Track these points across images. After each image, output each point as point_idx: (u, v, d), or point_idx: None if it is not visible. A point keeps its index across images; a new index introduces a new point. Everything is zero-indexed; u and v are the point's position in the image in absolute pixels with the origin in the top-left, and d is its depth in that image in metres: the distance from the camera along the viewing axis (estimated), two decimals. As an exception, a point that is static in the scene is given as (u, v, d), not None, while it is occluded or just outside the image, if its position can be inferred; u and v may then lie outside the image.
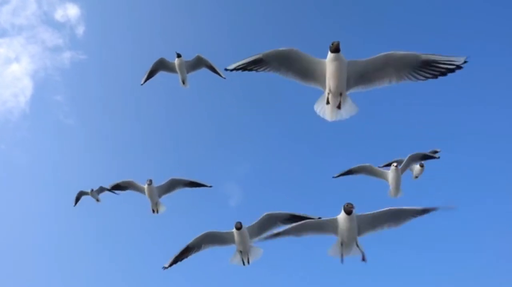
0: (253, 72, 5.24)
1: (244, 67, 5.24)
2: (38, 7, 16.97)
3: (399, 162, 8.94)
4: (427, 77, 4.64)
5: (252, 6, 16.92)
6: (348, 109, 5.28)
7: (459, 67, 4.49)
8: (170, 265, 7.12)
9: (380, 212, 5.62)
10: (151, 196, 9.20)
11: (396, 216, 5.59)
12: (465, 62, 4.47)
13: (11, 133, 17.09)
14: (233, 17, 16.78)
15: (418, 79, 4.69)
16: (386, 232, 5.68)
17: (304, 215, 6.59)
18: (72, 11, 16.93)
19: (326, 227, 5.79)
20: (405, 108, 15.21)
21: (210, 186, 9.08)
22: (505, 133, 14.30)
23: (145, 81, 9.55)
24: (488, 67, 14.72)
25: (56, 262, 15.44)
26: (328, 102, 5.19)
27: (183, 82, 9.47)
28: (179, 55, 9.14)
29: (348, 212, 5.57)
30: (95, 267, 15.50)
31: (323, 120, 5.38)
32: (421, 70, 4.65)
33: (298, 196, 14.52)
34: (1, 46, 17.46)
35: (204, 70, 9.54)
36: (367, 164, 9.12)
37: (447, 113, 15.00)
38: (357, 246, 5.80)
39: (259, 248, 7.00)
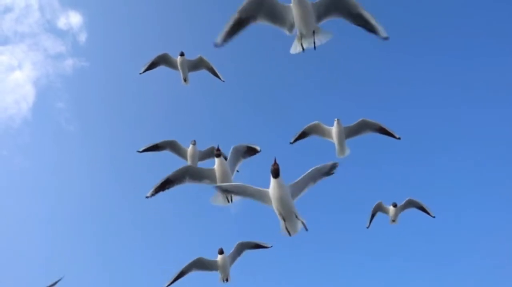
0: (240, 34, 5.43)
1: (231, 33, 5.45)
2: (41, 15, 16.96)
3: None
4: (358, 25, 5.54)
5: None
6: (323, 37, 5.80)
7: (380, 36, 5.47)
8: (152, 194, 7.05)
9: (307, 175, 5.58)
10: (193, 157, 9.35)
11: (316, 175, 5.66)
12: (385, 38, 5.46)
13: (13, 139, 17.08)
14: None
15: (351, 22, 5.58)
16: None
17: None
18: (75, 19, 17.08)
19: (263, 196, 5.49)
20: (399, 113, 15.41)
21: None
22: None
23: (145, 71, 9.64)
24: (487, 67, 15.08)
25: (56, 266, 15.44)
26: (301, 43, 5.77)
27: (185, 80, 9.79)
28: (182, 54, 9.45)
29: (274, 172, 5.22)
30: (94, 271, 15.44)
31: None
32: (355, 17, 5.51)
33: (299, 201, 14.45)
34: (4, 54, 17.60)
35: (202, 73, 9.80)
36: (316, 122, 8.78)
37: (440, 116, 15.23)
38: (297, 217, 5.53)
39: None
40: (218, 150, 7.05)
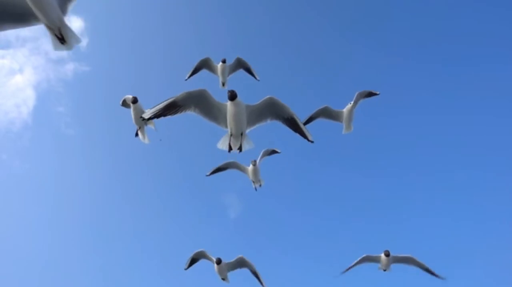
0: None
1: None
2: (43, 19, 17.33)
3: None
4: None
5: (252, 10, 17.81)
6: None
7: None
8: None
9: (264, 101, 5.84)
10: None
11: (276, 109, 5.86)
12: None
13: (12, 143, 16.90)
14: (235, 23, 17.61)
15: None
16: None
17: None
18: (76, 23, 17.03)
19: (218, 111, 5.88)
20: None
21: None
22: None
23: (189, 77, 10.28)
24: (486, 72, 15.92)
25: (55, 270, 15.48)
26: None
27: (223, 85, 10.50)
28: (224, 61, 10.16)
29: (231, 97, 5.62)
30: (93, 273, 15.37)
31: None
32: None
33: (299, 206, 15.38)
34: (5, 58, 17.47)
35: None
36: (324, 106, 9.04)
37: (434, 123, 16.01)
38: (242, 136, 5.95)
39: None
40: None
